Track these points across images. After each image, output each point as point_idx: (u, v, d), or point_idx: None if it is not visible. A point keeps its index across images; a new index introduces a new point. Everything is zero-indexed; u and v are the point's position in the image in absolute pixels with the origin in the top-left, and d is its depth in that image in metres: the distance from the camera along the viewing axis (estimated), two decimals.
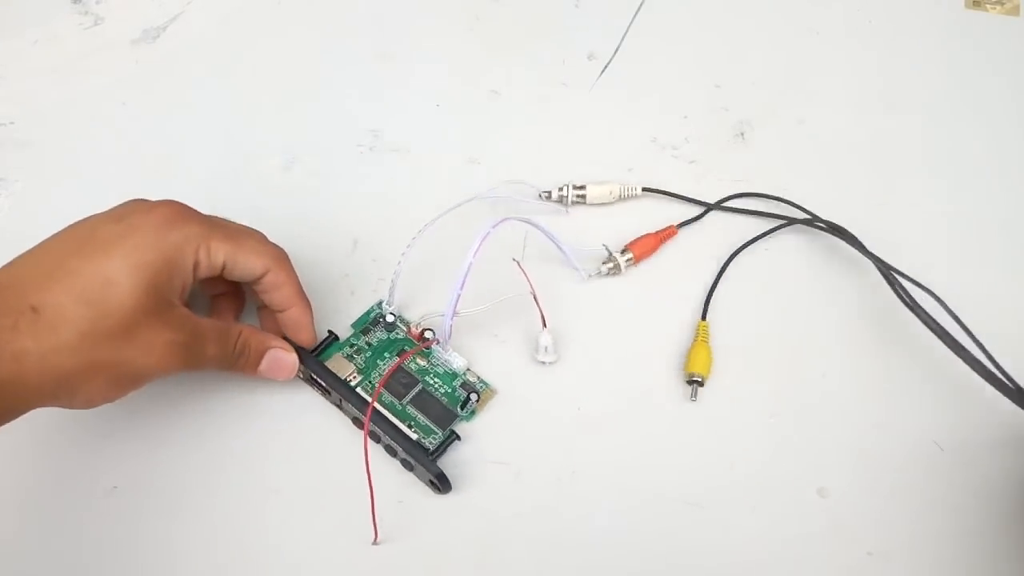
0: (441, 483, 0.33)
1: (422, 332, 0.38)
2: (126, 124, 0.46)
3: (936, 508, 0.35)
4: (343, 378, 0.36)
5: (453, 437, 0.35)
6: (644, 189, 0.43)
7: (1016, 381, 0.34)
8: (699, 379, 0.37)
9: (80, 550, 0.34)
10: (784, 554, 0.34)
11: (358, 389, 0.36)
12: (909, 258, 0.40)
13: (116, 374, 0.29)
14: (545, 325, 0.37)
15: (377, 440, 0.35)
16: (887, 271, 0.38)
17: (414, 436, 0.35)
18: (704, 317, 0.40)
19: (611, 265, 0.40)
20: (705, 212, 0.43)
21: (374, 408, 0.33)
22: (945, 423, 0.37)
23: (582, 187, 0.42)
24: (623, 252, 0.40)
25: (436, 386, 0.37)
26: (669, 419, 0.37)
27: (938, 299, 0.37)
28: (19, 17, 0.50)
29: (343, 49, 0.50)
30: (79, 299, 0.28)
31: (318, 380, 0.35)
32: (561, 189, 0.43)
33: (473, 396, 0.36)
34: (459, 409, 0.36)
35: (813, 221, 0.42)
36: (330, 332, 0.37)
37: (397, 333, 0.38)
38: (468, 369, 0.37)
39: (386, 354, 0.38)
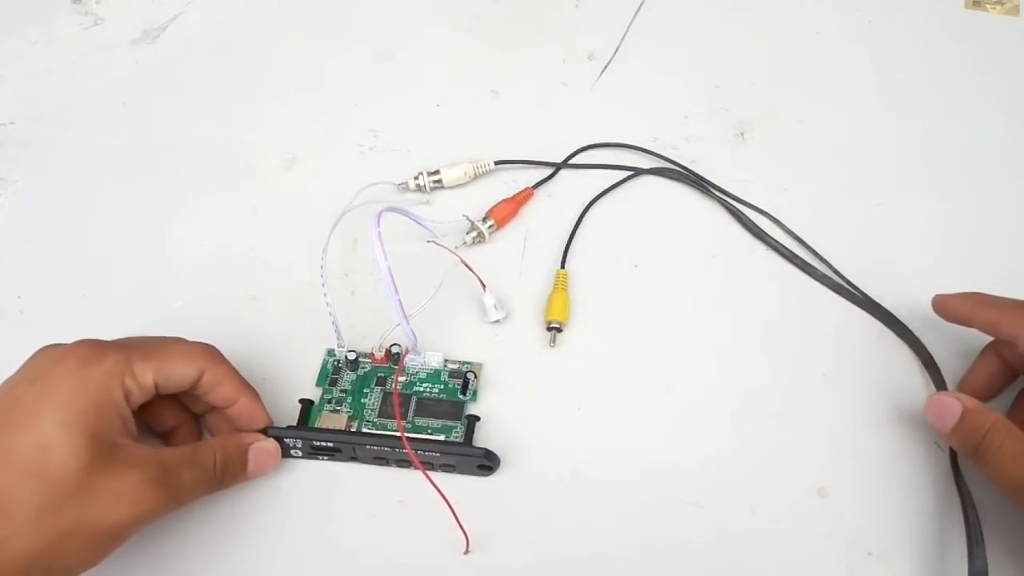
0: (490, 460, 0.34)
1: (388, 351, 0.37)
2: (126, 124, 0.46)
3: (936, 508, 0.35)
4: (345, 430, 0.36)
5: (474, 420, 0.36)
6: (497, 162, 0.44)
7: (862, 290, 0.40)
8: (557, 325, 0.38)
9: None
10: (784, 554, 0.34)
11: (365, 430, 0.36)
12: (909, 255, 0.40)
13: (88, 538, 0.28)
14: (484, 287, 0.38)
15: (409, 464, 0.35)
16: (732, 206, 0.43)
17: (441, 438, 0.35)
18: (563, 266, 0.41)
19: (475, 234, 0.41)
20: (556, 171, 0.44)
21: (399, 436, 0.33)
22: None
23: (436, 172, 0.43)
24: (484, 220, 0.42)
25: (428, 390, 0.37)
26: (650, 404, 0.37)
27: (780, 224, 0.42)
28: (19, 17, 0.50)
29: (343, 49, 0.50)
30: (22, 475, 0.27)
31: (324, 445, 0.34)
32: (417, 178, 0.43)
33: (470, 376, 0.37)
34: (461, 395, 0.37)
35: (663, 170, 0.44)
36: (301, 400, 0.36)
37: (363, 367, 0.38)
38: (446, 360, 0.38)
39: (366, 390, 0.37)
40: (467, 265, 0.38)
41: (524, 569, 0.34)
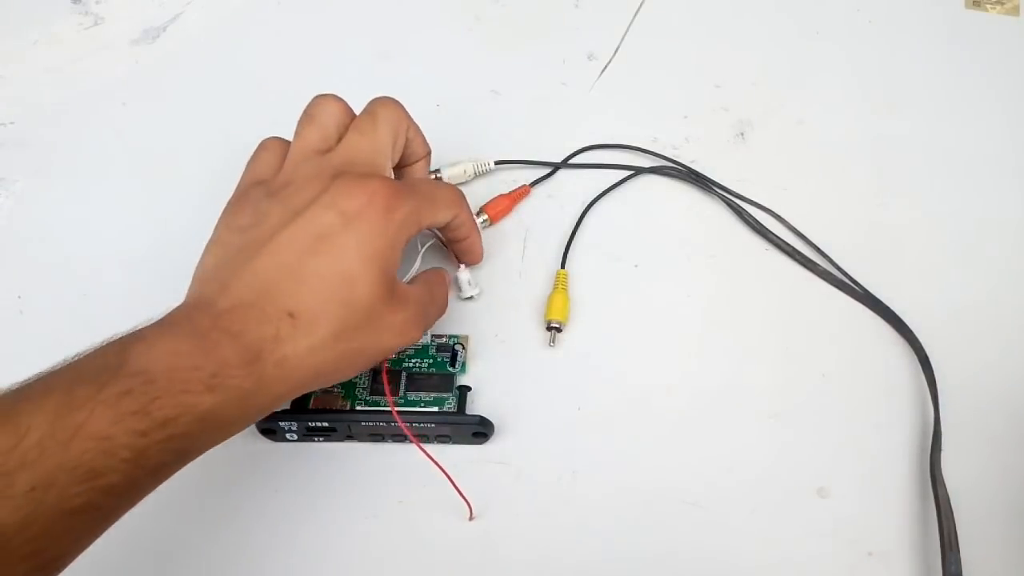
0: (485, 427, 0.35)
1: None
2: (126, 124, 0.46)
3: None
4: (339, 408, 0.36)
5: (465, 390, 0.36)
6: (497, 162, 0.44)
7: (863, 285, 0.40)
8: (557, 325, 0.38)
9: (85, 552, 0.33)
10: (784, 554, 0.34)
11: (358, 407, 0.36)
12: (907, 253, 0.40)
13: (366, 357, 0.32)
14: (460, 263, 0.39)
15: (404, 439, 0.35)
16: (734, 203, 0.43)
17: (435, 409, 0.36)
18: (563, 266, 0.41)
19: None
20: (554, 169, 0.44)
21: (394, 412, 0.34)
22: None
23: (436, 171, 0.43)
24: (478, 214, 0.42)
25: (417, 365, 0.37)
26: (659, 414, 0.37)
27: (782, 220, 0.42)
28: (19, 17, 0.50)
29: (343, 49, 0.49)
30: (328, 300, 0.30)
31: (319, 425, 0.35)
32: None
33: (458, 349, 0.37)
34: (451, 368, 0.37)
35: (663, 168, 0.44)
36: None
37: None
38: (432, 335, 0.38)
39: None
40: (441, 240, 0.39)
41: (524, 569, 0.34)
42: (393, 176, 0.35)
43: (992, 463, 0.36)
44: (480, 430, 0.35)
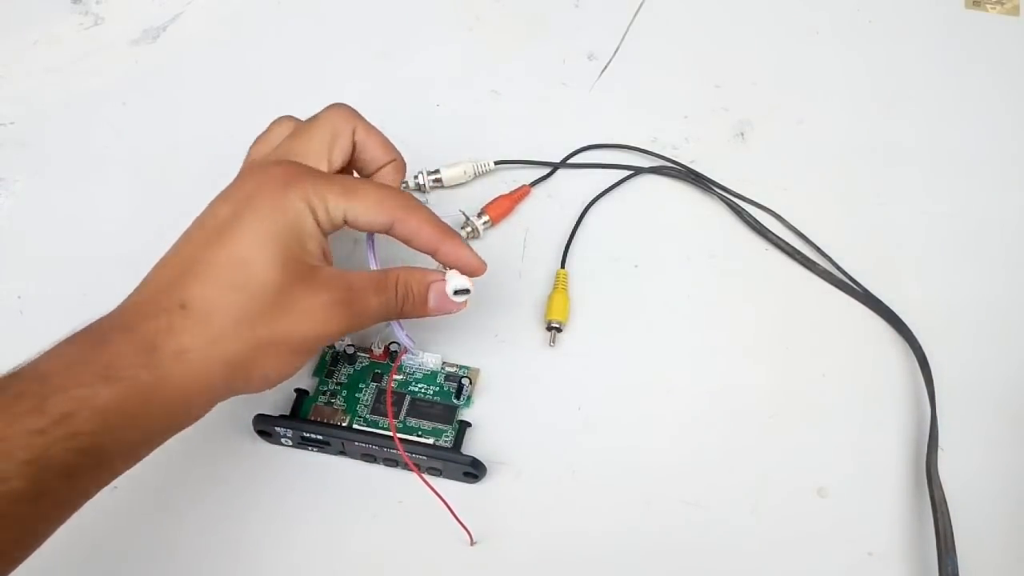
0: (477, 469, 0.34)
1: (387, 348, 0.37)
2: (126, 124, 0.46)
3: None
4: (336, 424, 0.36)
5: (464, 426, 0.36)
6: (497, 162, 0.44)
7: (862, 285, 0.40)
8: (557, 325, 0.38)
9: (79, 550, 0.34)
10: (784, 554, 0.34)
11: (355, 426, 0.36)
12: (907, 253, 0.40)
13: (284, 348, 0.30)
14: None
15: (395, 464, 0.35)
16: (734, 202, 0.43)
17: (430, 441, 0.35)
18: (563, 266, 0.41)
19: (469, 229, 0.42)
20: (554, 170, 0.44)
21: (389, 435, 0.34)
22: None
23: (436, 171, 0.43)
24: (479, 215, 0.42)
25: (423, 391, 0.37)
26: (654, 406, 0.37)
27: (782, 220, 0.42)
28: (19, 17, 0.50)
29: (343, 49, 0.49)
30: (222, 287, 0.28)
31: (313, 437, 0.35)
32: (417, 176, 0.43)
33: (464, 382, 0.36)
34: (455, 400, 0.37)
35: (663, 168, 0.44)
36: (296, 390, 0.36)
37: (361, 362, 0.38)
38: (444, 363, 0.38)
39: (361, 385, 0.37)
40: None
41: (524, 569, 0.34)
42: None
43: (990, 463, 0.36)
44: (471, 471, 0.34)
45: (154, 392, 0.27)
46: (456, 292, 0.33)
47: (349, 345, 0.37)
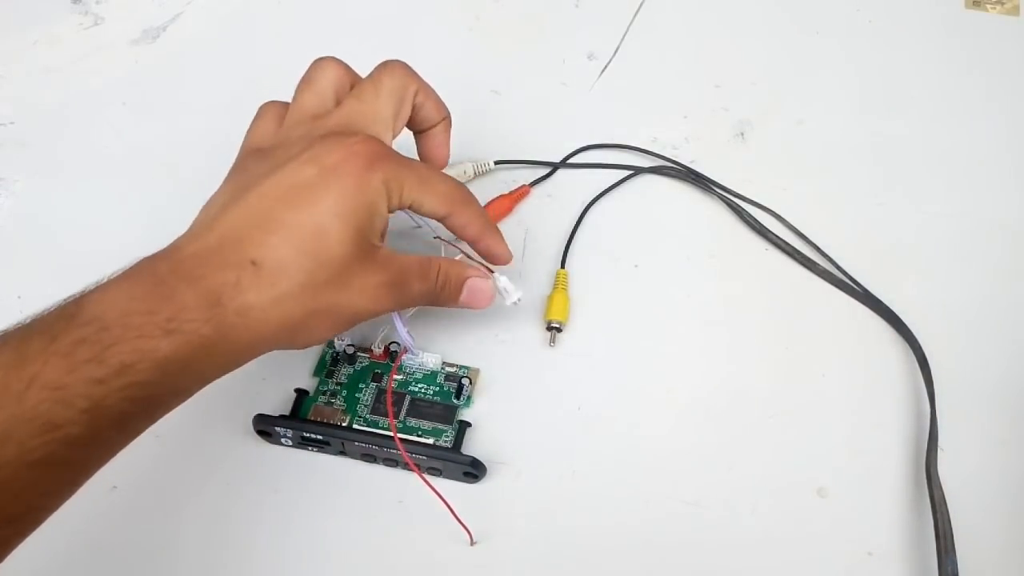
0: (477, 469, 0.34)
1: (387, 348, 0.37)
2: (126, 124, 0.46)
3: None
4: (336, 424, 0.36)
5: (464, 426, 0.36)
6: (496, 162, 0.44)
7: (862, 285, 0.40)
8: (557, 325, 0.38)
9: (79, 549, 0.34)
10: (784, 554, 0.34)
11: (355, 426, 0.36)
12: (907, 253, 0.40)
13: (334, 318, 0.31)
14: (491, 271, 0.37)
15: (395, 464, 0.35)
16: (734, 202, 0.43)
17: (430, 441, 0.35)
18: (563, 266, 0.41)
19: None
20: (553, 170, 0.44)
21: (389, 435, 0.34)
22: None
23: None
24: None
25: (423, 391, 0.37)
26: (650, 406, 0.37)
27: (782, 220, 0.42)
28: (19, 17, 0.50)
29: (343, 49, 0.49)
30: (296, 251, 0.29)
31: (313, 437, 0.35)
32: None
33: (464, 382, 0.36)
34: (455, 400, 0.37)
35: (663, 168, 0.44)
36: (297, 390, 0.36)
37: (361, 362, 0.38)
38: (444, 363, 0.38)
39: (361, 385, 0.37)
40: (467, 254, 0.37)
41: (524, 569, 0.34)
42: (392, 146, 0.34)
43: (989, 463, 0.36)
44: (471, 471, 0.34)
45: (213, 346, 0.27)
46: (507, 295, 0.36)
47: (349, 345, 0.37)
